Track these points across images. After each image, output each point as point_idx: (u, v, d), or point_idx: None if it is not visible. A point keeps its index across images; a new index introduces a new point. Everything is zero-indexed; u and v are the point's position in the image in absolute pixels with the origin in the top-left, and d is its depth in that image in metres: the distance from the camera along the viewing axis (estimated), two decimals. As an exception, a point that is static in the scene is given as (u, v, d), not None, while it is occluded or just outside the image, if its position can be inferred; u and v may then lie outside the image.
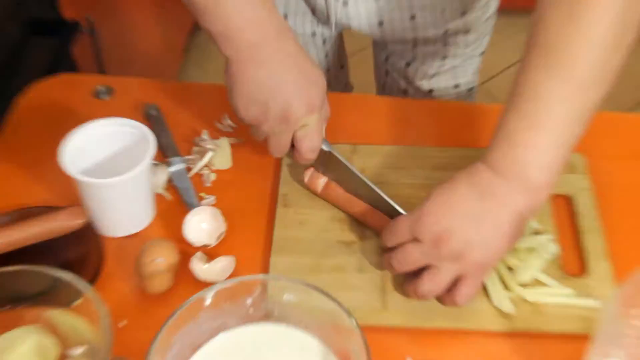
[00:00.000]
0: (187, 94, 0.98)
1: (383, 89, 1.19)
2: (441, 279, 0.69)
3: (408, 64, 1.09)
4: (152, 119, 0.92)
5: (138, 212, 0.81)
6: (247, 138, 0.91)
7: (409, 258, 0.70)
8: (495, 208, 0.68)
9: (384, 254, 0.74)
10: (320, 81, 0.76)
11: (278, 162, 0.87)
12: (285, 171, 0.85)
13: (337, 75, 1.21)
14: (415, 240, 0.69)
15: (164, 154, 0.88)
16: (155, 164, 0.85)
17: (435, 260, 0.69)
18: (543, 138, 0.67)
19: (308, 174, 0.81)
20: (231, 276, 0.75)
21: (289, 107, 0.75)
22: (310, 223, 0.80)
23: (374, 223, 0.78)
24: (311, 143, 0.78)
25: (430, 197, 0.69)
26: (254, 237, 0.80)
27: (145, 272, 0.73)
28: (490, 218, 0.68)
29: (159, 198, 0.84)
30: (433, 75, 1.09)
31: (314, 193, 0.82)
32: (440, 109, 0.97)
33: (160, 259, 0.73)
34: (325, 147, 0.80)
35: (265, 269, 0.76)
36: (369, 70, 1.21)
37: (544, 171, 0.67)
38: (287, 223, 0.80)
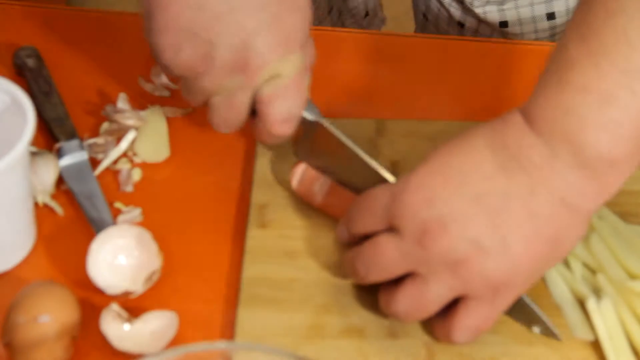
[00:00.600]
0: (88, 29, 1.00)
1: (425, 20, 1.20)
2: (428, 295, 0.72)
3: None
4: (29, 74, 0.94)
5: (6, 237, 0.82)
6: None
7: (382, 258, 0.73)
8: (530, 188, 0.69)
9: (344, 248, 0.79)
10: (303, 3, 0.78)
11: (250, 149, 0.91)
12: (261, 166, 0.88)
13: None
14: (392, 229, 0.72)
15: (51, 136, 0.90)
16: (35, 153, 0.86)
17: (420, 267, 0.71)
18: (615, 79, 0.67)
19: (298, 173, 0.85)
20: (172, 344, 0.76)
21: (248, 46, 0.75)
22: (304, 254, 0.83)
23: None
24: (286, 106, 0.78)
25: (425, 160, 0.72)
26: (209, 279, 0.82)
27: (19, 340, 0.74)
28: (519, 204, 0.69)
29: (43, 212, 0.86)
30: None
31: (309, 203, 0.85)
32: (524, 57, 0.99)
33: (45, 317, 0.74)
34: (309, 116, 0.82)
35: (229, 332, 0.79)
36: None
37: (612, 136, 0.68)
38: (264, 254, 0.83)
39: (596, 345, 0.76)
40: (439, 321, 0.74)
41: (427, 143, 0.89)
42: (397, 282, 0.74)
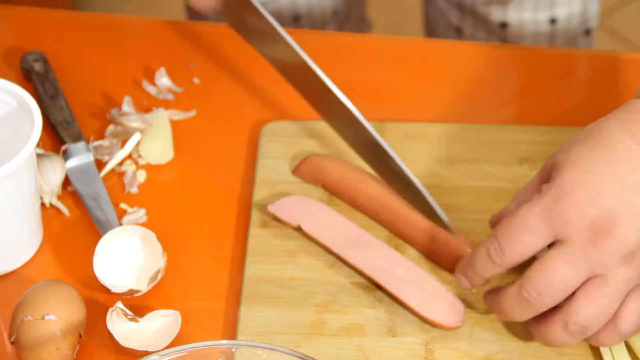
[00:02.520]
0: (94, 33, 0.99)
1: (428, 25, 1.22)
2: (610, 295, 0.69)
3: None
4: (36, 77, 0.93)
5: (13, 237, 0.81)
6: (201, 108, 0.92)
7: (556, 275, 0.69)
8: None
9: (475, 286, 0.76)
10: None
11: (251, 151, 0.90)
12: (262, 167, 0.88)
13: (347, 4, 1.22)
14: (558, 242, 0.69)
15: (57, 138, 0.89)
16: (42, 155, 0.85)
17: (597, 268, 0.69)
18: None
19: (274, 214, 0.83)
20: (175, 342, 0.75)
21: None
22: (305, 253, 0.82)
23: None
24: None
25: (566, 165, 0.70)
26: (212, 278, 0.81)
27: (26, 338, 0.73)
28: None
29: (49, 212, 0.85)
30: None
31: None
32: (526, 60, 0.98)
33: (52, 316, 0.73)
34: None
35: (231, 330, 0.78)
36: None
37: None
38: (266, 253, 0.82)
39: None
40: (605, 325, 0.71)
41: (427, 145, 0.89)
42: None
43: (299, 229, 0.82)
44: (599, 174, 0.69)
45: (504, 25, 1.13)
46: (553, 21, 1.12)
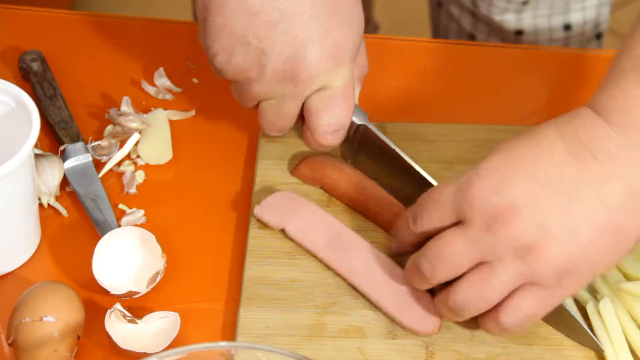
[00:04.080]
0: (92, 33, 0.99)
1: (437, 30, 1.22)
2: (493, 283, 0.70)
3: None
4: (34, 77, 0.93)
5: (11, 238, 0.81)
6: (200, 108, 0.92)
7: (449, 251, 0.71)
8: (601, 175, 0.68)
9: (400, 250, 0.78)
10: (356, 16, 0.77)
11: (251, 152, 0.90)
12: (262, 167, 0.88)
13: None
14: (461, 222, 0.71)
15: (56, 138, 0.90)
16: (40, 155, 0.86)
17: (488, 255, 0.70)
18: None
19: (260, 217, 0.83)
20: (174, 344, 0.76)
21: (299, 57, 0.75)
22: (305, 255, 0.82)
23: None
24: (333, 117, 0.79)
25: (493, 152, 0.72)
26: (211, 279, 0.81)
27: (24, 339, 0.73)
28: (589, 190, 0.68)
29: (47, 213, 0.85)
30: (525, 3, 1.09)
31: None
32: (525, 60, 0.98)
33: (50, 317, 0.73)
34: (356, 119, 0.81)
35: (230, 332, 0.78)
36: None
37: None
38: (265, 255, 0.82)
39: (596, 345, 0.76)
40: (491, 310, 0.72)
41: (427, 145, 0.89)
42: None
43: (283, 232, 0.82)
44: (515, 165, 0.70)
45: (519, 33, 1.14)
46: (567, 27, 1.12)
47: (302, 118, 0.80)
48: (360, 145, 0.83)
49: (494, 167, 0.70)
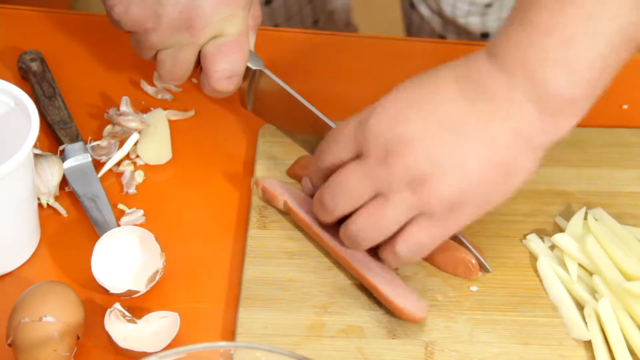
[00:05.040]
0: (91, 33, 0.99)
1: (410, 31, 1.24)
2: (387, 212, 0.73)
3: None
4: (33, 77, 0.93)
5: (11, 238, 0.81)
6: (199, 108, 0.92)
7: (347, 184, 0.74)
8: (488, 115, 0.71)
9: (309, 189, 0.81)
10: None
11: (250, 152, 0.90)
12: (261, 167, 0.88)
13: (333, 10, 1.25)
14: (358, 157, 0.74)
15: (55, 138, 0.90)
16: (39, 155, 0.85)
17: (382, 186, 0.73)
18: (579, 22, 0.69)
19: (262, 185, 0.85)
20: (173, 344, 0.76)
21: (193, 6, 0.79)
22: (304, 255, 0.82)
23: None
24: (228, 64, 0.83)
25: (393, 90, 0.74)
26: (210, 279, 0.82)
27: (23, 339, 0.73)
28: (477, 129, 0.71)
29: (47, 213, 0.85)
30: (488, 6, 1.11)
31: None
32: None
33: (50, 317, 0.73)
34: (252, 65, 0.85)
35: (230, 332, 0.78)
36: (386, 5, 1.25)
37: (571, 75, 0.70)
38: (265, 255, 0.82)
39: (592, 346, 0.76)
40: (387, 241, 0.75)
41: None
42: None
43: (285, 206, 0.83)
44: (410, 102, 0.72)
45: (484, 35, 1.15)
46: None
47: (199, 66, 0.84)
48: (258, 91, 0.86)
49: (391, 103, 0.73)
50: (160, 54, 0.83)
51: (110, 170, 0.88)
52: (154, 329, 0.77)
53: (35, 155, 0.84)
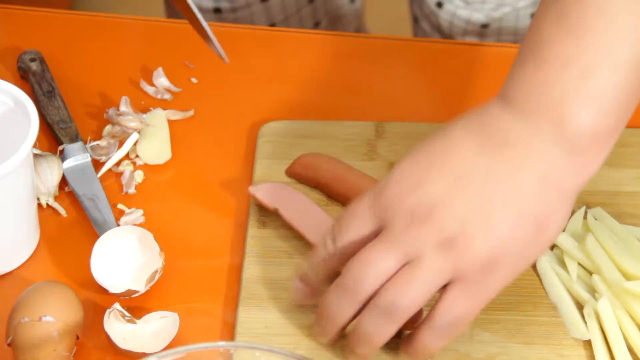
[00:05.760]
0: (90, 33, 0.99)
1: (416, 23, 1.24)
2: (419, 281, 0.68)
3: None
4: (33, 77, 0.93)
5: (10, 238, 0.81)
6: (199, 108, 0.92)
7: (373, 261, 0.68)
8: (511, 165, 0.68)
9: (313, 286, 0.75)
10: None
11: (249, 152, 0.90)
12: (260, 166, 0.88)
13: (341, 15, 1.24)
14: (382, 229, 0.69)
15: (54, 138, 0.90)
16: (39, 155, 0.86)
17: (411, 254, 0.68)
18: (596, 52, 0.66)
19: (253, 194, 0.83)
20: (173, 344, 0.75)
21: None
22: (305, 253, 0.80)
23: None
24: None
25: (406, 155, 0.71)
26: (210, 279, 0.82)
27: (23, 339, 0.73)
28: (502, 181, 0.68)
29: (46, 213, 0.85)
30: (484, 27, 1.14)
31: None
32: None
33: (49, 317, 0.73)
34: None
35: (229, 332, 0.78)
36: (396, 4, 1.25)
37: (594, 108, 0.67)
38: (265, 254, 0.82)
39: (592, 345, 0.76)
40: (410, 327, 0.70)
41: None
42: None
43: (276, 212, 0.82)
44: (427, 165, 0.69)
45: (485, 26, 1.15)
46: None
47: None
48: None
49: (408, 168, 0.70)
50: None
51: (109, 170, 0.88)
52: (153, 329, 0.77)
53: (35, 155, 0.84)
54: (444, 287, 0.69)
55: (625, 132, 0.90)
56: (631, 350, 0.75)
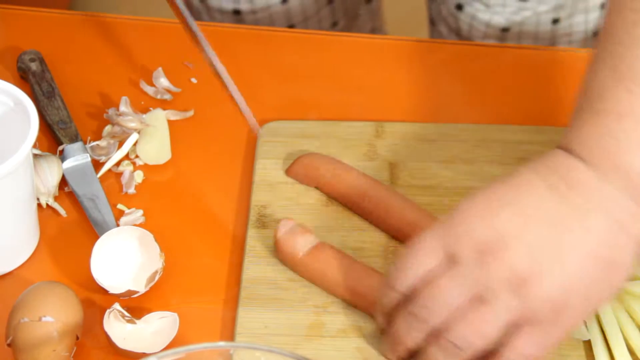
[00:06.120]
0: (90, 33, 0.99)
1: (432, 25, 1.23)
2: (489, 319, 0.68)
3: None
4: (33, 77, 0.93)
5: (10, 238, 0.81)
6: (199, 108, 0.93)
7: (442, 292, 0.69)
8: (584, 207, 0.69)
9: (381, 311, 0.74)
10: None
11: (249, 151, 0.90)
12: (261, 167, 0.88)
13: (357, 15, 1.24)
14: (452, 262, 0.69)
15: (54, 138, 0.90)
16: (39, 155, 0.86)
17: (481, 289, 0.69)
18: None
19: (285, 225, 0.81)
20: (172, 344, 0.76)
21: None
22: None
23: None
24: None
25: (472, 194, 0.72)
26: (210, 279, 0.82)
27: (23, 339, 0.73)
28: (574, 222, 0.69)
29: (46, 213, 0.86)
30: (505, 30, 1.13)
31: (288, 260, 0.81)
32: (526, 60, 0.99)
33: (49, 317, 0.73)
34: None
35: (229, 332, 0.78)
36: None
37: None
38: (264, 254, 0.82)
39: (592, 345, 0.76)
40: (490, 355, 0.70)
41: (425, 145, 0.89)
42: None
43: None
44: (499, 202, 0.70)
45: (505, 30, 1.14)
46: (556, 21, 1.13)
47: None
48: None
49: (477, 204, 0.71)
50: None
51: (109, 170, 0.88)
52: (153, 329, 0.77)
53: (35, 156, 0.84)
54: (512, 324, 0.69)
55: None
56: (631, 351, 0.75)
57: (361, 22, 1.28)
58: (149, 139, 0.89)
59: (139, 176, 0.88)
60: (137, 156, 0.89)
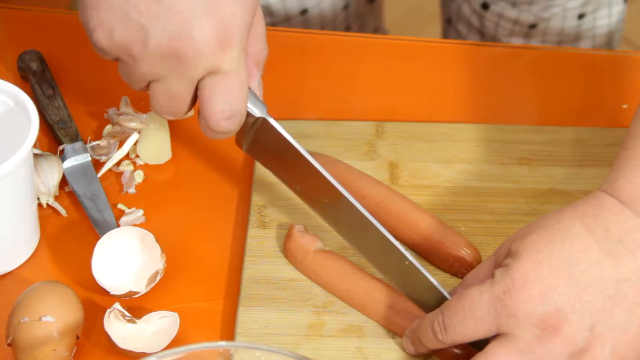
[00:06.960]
0: None
1: (449, 24, 1.22)
2: None
3: None
4: (33, 77, 0.93)
5: (10, 238, 0.81)
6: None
7: None
8: (637, 275, 0.68)
9: (418, 353, 0.75)
10: None
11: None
12: (260, 167, 0.87)
13: (360, 14, 1.23)
14: (503, 335, 0.69)
15: (55, 138, 0.90)
16: (39, 155, 0.86)
17: None
18: None
19: (298, 233, 0.81)
20: (173, 344, 0.76)
21: (182, 34, 0.70)
22: None
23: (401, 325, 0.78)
24: (227, 103, 0.74)
25: (522, 253, 0.70)
26: (210, 279, 0.82)
27: (23, 339, 0.73)
28: (629, 288, 0.68)
29: (46, 213, 0.85)
30: (532, 27, 1.13)
31: (295, 263, 0.81)
32: (526, 60, 0.99)
33: (49, 317, 0.73)
34: (255, 111, 0.77)
35: (229, 332, 0.78)
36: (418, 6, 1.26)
37: None
38: (264, 254, 0.82)
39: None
40: None
41: (427, 145, 0.89)
42: None
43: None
44: (552, 270, 0.69)
45: (533, 26, 1.15)
46: (582, 16, 1.14)
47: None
48: (258, 137, 0.78)
49: (532, 273, 0.69)
50: (152, 86, 0.74)
51: (109, 170, 0.88)
52: (153, 329, 0.77)
53: (35, 155, 0.84)
54: None
55: (625, 132, 0.90)
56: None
57: (363, 22, 1.28)
58: (149, 138, 0.89)
59: (139, 176, 0.88)
60: (137, 156, 0.89)
